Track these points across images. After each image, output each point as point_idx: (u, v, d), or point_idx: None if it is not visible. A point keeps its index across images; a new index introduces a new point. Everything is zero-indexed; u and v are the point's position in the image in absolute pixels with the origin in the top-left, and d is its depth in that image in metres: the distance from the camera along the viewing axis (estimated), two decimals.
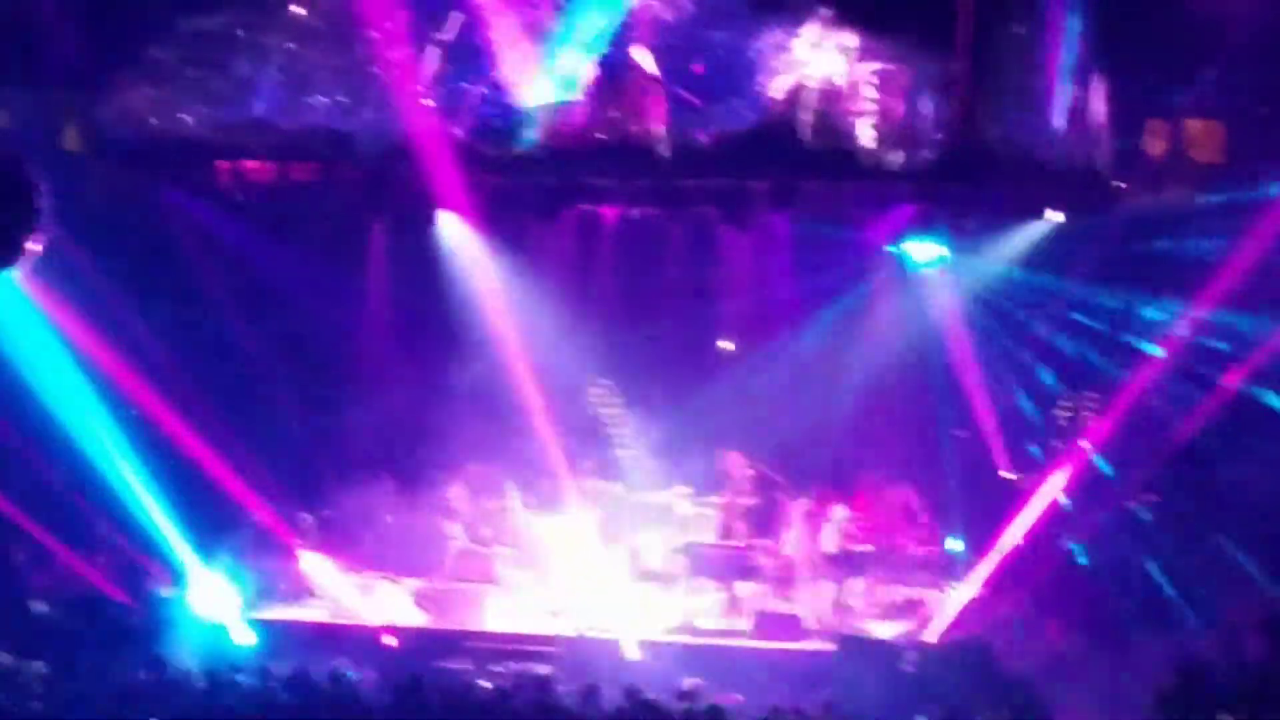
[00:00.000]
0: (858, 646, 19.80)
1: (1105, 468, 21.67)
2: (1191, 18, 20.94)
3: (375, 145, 22.82)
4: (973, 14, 22.10)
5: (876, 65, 22.39)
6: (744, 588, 21.37)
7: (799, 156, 22.46)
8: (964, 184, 22.40)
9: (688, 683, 17.21)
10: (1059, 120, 22.03)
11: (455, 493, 22.65)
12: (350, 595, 21.35)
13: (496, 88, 22.33)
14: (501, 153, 22.33)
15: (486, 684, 17.63)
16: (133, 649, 18.53)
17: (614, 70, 22.35)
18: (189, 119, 22.78)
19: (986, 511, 21.83)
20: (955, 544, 22.34)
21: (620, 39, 22.27)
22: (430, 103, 22.29)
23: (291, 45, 22.92)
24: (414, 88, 22.30)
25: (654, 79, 22.35)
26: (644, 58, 22.26)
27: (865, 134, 22.51)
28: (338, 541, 22.42)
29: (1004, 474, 22.49)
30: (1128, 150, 22.27)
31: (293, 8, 23.03)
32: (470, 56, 22.48)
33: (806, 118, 22.35)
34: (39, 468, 21.25)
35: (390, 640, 20.45)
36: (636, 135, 22.36)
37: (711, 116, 22.26)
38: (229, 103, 22.83)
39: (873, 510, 22.10)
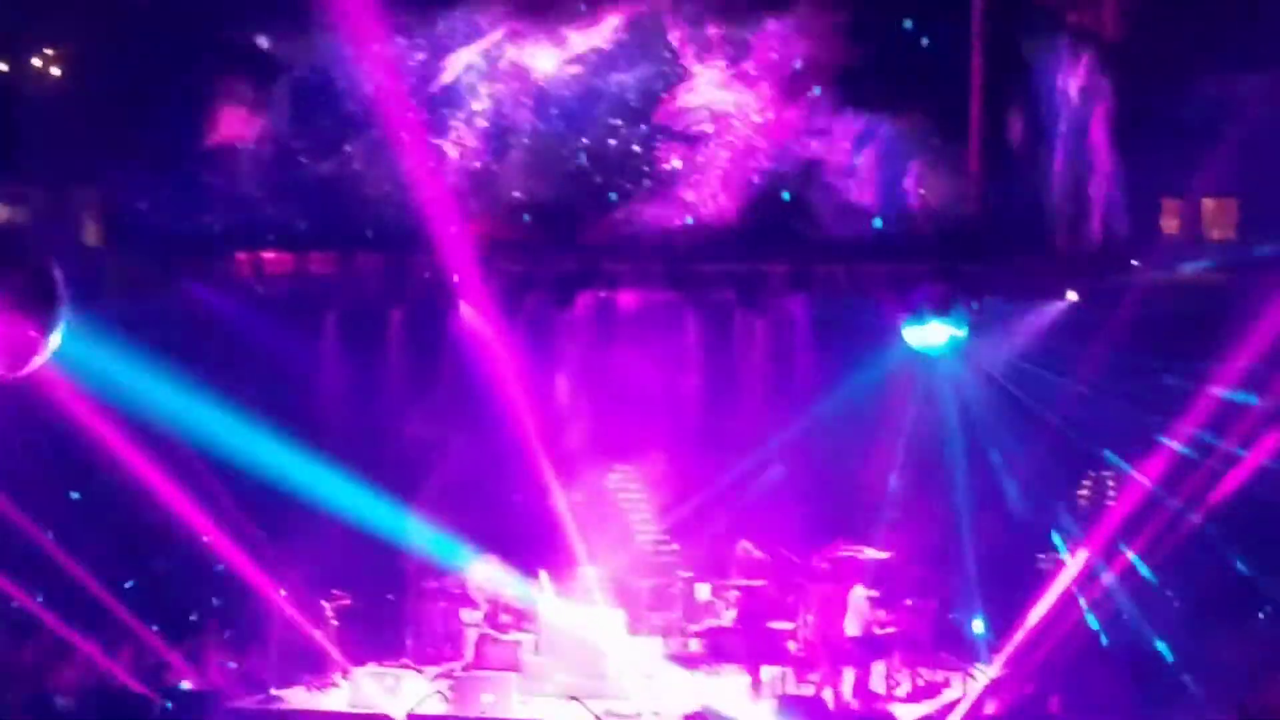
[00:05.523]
0: None
1: (1126, 548, 21.60)
2: (1204, 98, 21.10)
3: (393, 234, 23.07)
4: (985, 95, 22.28)
5: (889, 146, 22.57)
6: (766, 671, 21.27)
7: (813, 239, 22.64)
8: (980, 264, 22.51)
9: None
10: (1074, 200, 22.14)
11: (475, 579, 22.58)
12: (372, 684, 21.26)
13: None
14: None
15: None
16: None
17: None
18: (207, 213, 23.01)
19: (1009, 593, 21.77)
20: (978, 626, 22.27)
21: None
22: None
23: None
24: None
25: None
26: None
27: (880, 215, 22.69)
28: (359, 630, 22.39)
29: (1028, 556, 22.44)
30: (1143, 229, 22.38)
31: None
32: None
33: (820, 199, 22.55)
34: (59, 560, 21.21)
35: None
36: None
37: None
38: (248, 199, 23.15)
39: (894, 593, 21.99)
